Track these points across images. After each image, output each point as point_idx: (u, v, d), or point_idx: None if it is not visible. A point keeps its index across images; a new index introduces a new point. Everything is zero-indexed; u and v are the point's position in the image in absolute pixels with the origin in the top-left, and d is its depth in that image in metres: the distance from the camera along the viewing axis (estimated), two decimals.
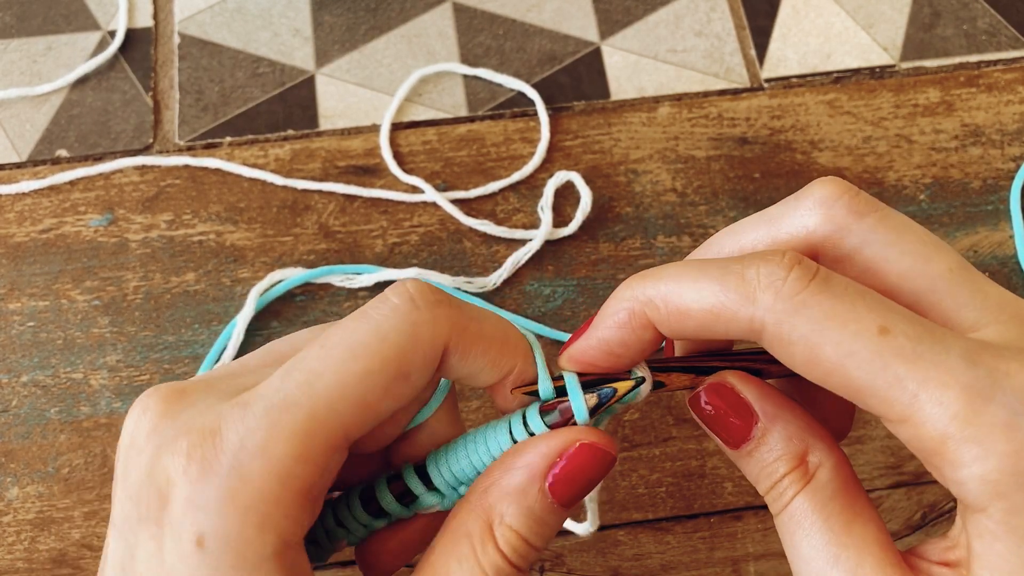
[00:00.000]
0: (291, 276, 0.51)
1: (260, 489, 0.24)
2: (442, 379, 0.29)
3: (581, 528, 0.45)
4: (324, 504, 0.30)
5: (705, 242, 0.29)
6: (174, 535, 0.24)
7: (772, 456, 0.26)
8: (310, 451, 0.24)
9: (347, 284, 0.52)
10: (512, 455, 0.27)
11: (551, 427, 0.27)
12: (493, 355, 0.27)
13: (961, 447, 0.22)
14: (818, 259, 0.26)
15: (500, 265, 0.52)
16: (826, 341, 0.23)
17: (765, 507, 0.44)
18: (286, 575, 0.24)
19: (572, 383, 0.27)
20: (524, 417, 0.28)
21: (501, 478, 0.26)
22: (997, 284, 0.26)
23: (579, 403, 0.27)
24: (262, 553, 0.24)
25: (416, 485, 0.29)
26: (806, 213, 0.27)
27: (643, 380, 0.27)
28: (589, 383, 0.28)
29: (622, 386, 0.27)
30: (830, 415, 0.30)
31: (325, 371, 0.25)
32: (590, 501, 0.34)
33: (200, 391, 0.26)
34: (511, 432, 0.28)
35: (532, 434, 0.27)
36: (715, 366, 0.28)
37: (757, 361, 0.29)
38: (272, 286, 0.51)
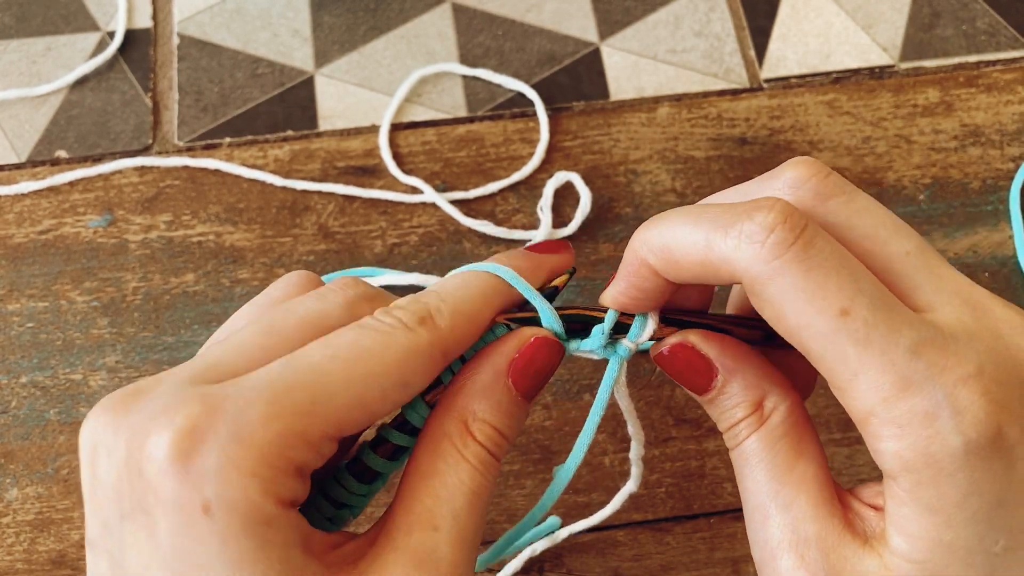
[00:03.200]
0: None
1: (263, 455, 0.25)
2: None
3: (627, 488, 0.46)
4: (318, 495, 0.30)
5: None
6: (174, 512, 0.24)
7: (731, 403, 0.29)
8: (309, 431, 0.25)
9: None
10: (476, 359, 0.30)
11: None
12: (484, 323, 0.30)
13: (883, 425, 0.25)
14: None
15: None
16: (790, 311, 0.25)
17: None
18: (292, 534, 0.25)
19: (535, 296, 0.30)
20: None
21: (469, 380, 0.29)
22: (954, 268, 0.28)
23: (544, 307, 0.30)
24: (268, 515, 0.25)
25: (400, 438, 0.30)
26: (777, 192, 0.28)
27: (644, 320, 0.30)
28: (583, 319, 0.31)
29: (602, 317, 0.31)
30: (799, 373, 0.32)
31: (332, 368, 0.26)
32: (635, 464, 0.37)
33: (156, 384, 0.26)
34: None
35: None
36: (725, 328, 0.30)
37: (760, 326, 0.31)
38: None
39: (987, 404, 0.24)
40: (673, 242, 0.27)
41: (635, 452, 0.35)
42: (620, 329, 0.31)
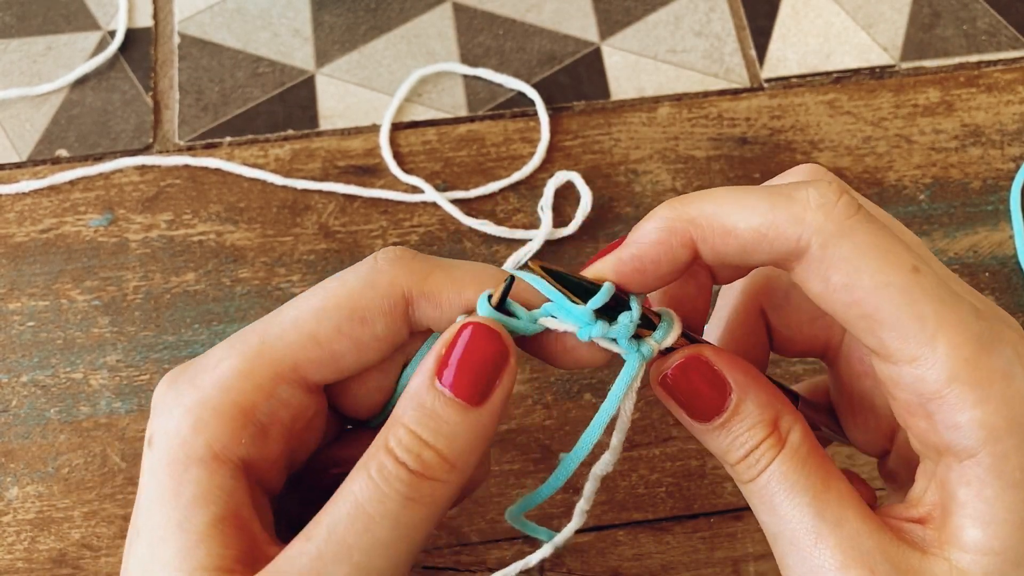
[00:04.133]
0: None
1: (202, 395, 0.26)
2: (432, 333, 0.29)
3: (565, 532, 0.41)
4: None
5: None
6: (144, 445, 0.27)
7: (746, 425, 0.27)
8: (254, 370, 0.26)
9: None
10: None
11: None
12: (469, 296, 0.27)
13: (966, 389, 0.23)
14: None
15: (500, 265, 0.52)
16: (866, 268, 0.24)
17: None
18: (212, 487, 0.25)
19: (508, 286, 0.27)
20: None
21: (405, 389, 0.27)
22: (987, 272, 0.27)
23: (483, 301, 0.27)
24: (192, 455, 0.25)
25: None
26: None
27: (671, 321, 0.27)
28: (613, 308, 0.27)
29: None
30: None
31: (285, 308, 0.27)
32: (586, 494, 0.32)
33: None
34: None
35: None
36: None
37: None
38: None
39: None
40: (727, 210, 0.25)
41: (601, 467, 0.30)
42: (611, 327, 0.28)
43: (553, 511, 0.47)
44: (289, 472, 0.29)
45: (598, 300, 0.26)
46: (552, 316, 0.27)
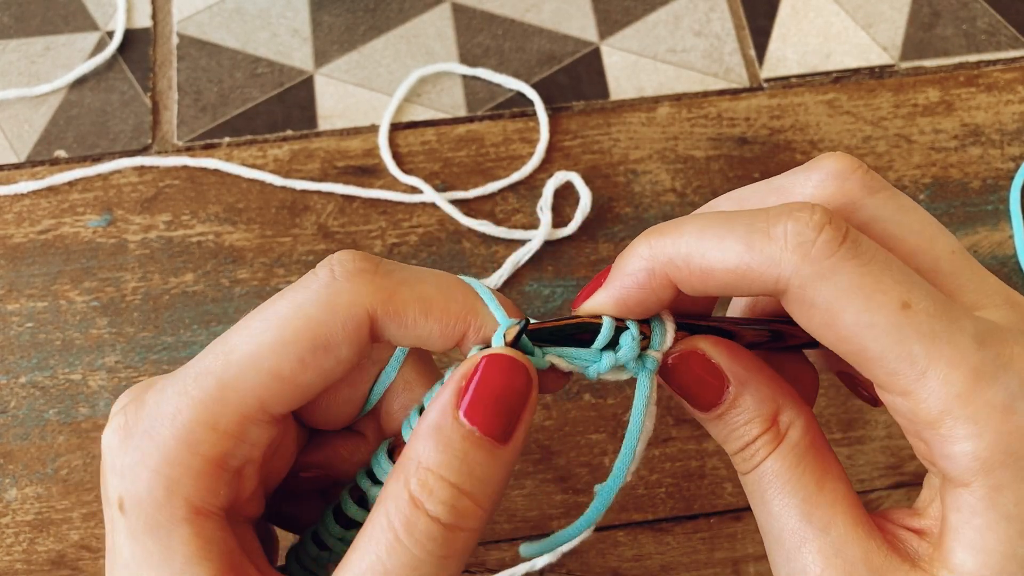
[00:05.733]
0: None
1: (168, 453, 0.24)
2: (397, 347, 0.28)
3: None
4: (307, 532, 0.29)
5: (706, 205, 0.28)
6: (107, 507, 0.25)
7: (744, 419, 0.26)
8: (219, 418, 0.24)
9: None
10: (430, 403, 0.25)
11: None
12: (437, 316, 0.26)
13: (958, 424, 0.23)
14: None
15: (499, 266, 0.52)
16: (848, 309, 0.23)
17: None
18: (202, 544, 0.24)
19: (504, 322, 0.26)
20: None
21: (418, 425, 0.24)
22: (990, 272, 0.26)
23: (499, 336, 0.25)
24: (172, 516, 0.24)
25: (363, 481, 0.28)
26: (818, 185, 0.26)
27: (646, 333, 0.27)
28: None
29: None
30: (802, 384, 0.30)
31: (240, 342, 0.24)
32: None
33: (158, 378, 0.27)
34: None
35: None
36: (732, 330, 0.28)
37: (778, 323, 0.28)
38: None
39: None
40: (702, 250, 0.24)
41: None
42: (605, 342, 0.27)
43: (552, 511, 0.47)
44: (267, 494, 0.28)
45: (603, 338, 0.26)
46: (558, 355, 0.27)
